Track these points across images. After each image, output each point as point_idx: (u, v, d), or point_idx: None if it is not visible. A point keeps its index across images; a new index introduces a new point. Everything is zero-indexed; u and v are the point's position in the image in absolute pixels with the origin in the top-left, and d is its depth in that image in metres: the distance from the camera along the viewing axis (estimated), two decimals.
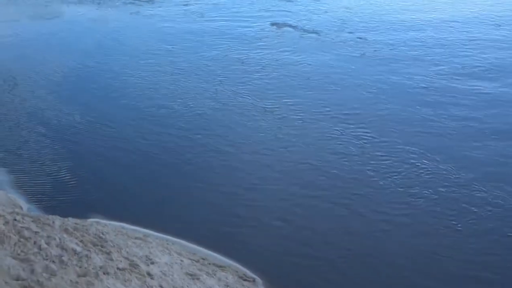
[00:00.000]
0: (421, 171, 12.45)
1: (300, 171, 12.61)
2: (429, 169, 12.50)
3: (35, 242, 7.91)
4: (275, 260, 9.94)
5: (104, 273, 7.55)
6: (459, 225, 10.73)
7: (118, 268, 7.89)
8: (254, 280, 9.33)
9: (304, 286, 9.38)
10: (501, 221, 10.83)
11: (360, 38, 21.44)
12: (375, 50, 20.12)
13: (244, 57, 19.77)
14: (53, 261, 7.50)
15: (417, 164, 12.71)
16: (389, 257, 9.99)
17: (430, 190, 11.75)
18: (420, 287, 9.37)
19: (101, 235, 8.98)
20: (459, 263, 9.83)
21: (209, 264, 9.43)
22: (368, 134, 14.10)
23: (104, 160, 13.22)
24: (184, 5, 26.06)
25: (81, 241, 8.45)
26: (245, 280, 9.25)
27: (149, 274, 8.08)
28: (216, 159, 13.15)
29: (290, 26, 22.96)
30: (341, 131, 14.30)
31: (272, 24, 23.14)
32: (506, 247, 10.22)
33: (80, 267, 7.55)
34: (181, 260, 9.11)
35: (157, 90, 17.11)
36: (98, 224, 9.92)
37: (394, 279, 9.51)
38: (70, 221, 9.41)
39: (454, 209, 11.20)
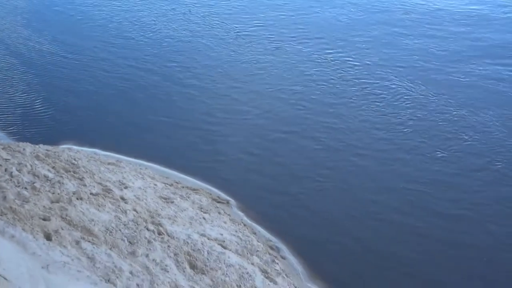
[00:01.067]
0: (401, 97, 12.37)
1: (273, 101, 12.41)
2: (410, 95, 12.39)
3: (6, 169, 7.85)
4: (248, 184, 10.04)
5: (77, 199, 7.57)
6: (441, 154, 10.52)
7: (91, 194, 7.93)
8: (228, 202, 9.48)
9: (277, 209, 9.46)
10: (484, 149, 10.63)
11: None
12: None
13: None
14: (25, 188, 7.48)
15: (398, 89, 12.62)
16: (359, 192, 9.80)
17: (410, 117, 11.62)
18: (391, 222, 9.10)
19: (73, 161, 8.95)
20: (435, 197, 9.53)
21: (183, 187, 9.52)
22: (348, 60, 13.94)
23: (75, 90, 13.03)
24: None
25: (53, 167, 8.42)
26: (219, 202, 9.40)
27: (122, 198, 8.14)
28: (188, 91, 12.93)
29: None
30: (319, 57, 14.08)
31: None
32: (489, 178, 9.94)
33: (53, 193, 7.56)
34: (155, 184, 9.17)
35: (125, 20, 16.63)
36: (70, 151, 9.89)
37: (361, 213, 9.32)
38: (42, 148, 9.34)
39: (435, 136, 11.01)
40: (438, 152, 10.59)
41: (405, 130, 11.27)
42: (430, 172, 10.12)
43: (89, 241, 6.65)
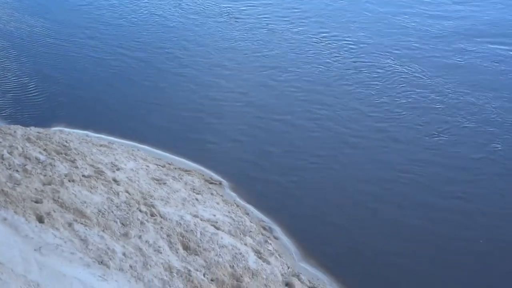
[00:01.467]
0: (396, 81, 12.23)
1: (264, 88, 12.20)
2: (405, 79, 12.24)
3: None
4: (241, 165, 10.01)
5: (69, 181, 7.57)
6: (436, 143, 10.36)
7: (83, 176, 7.91)
8: (220, 183, 9.48)
9: (270, 190, 9.42)
10: (482, 137, 10.47)
11: None
12: None
13: None
14: (17, 170, 7.47)
15: (392, 73, 12.46)
16: (350, 177, 9.63)
17: (405, 103, 11.48)
18: (382, 211, 8.95)
19: (65, 143, 8.92)
20: (429, 187, 9.35)
21: (175, 168, 9.52)
22: (342, 43, 13.77)
23: (66, 73, 12.91)
24: None
25: (44, 149, 8.39)
26: (211, 183, 9.40)
27: (115, 180, 8.14)
28: (177, 77, 12.74)
29: None
30: (312, 40, 13.87)
31: None
32: (487, 168, 9.73)
33: (44, 175, 7.54)
34: (147, 166, 9.16)
35: (115, 5, 16.40)
36: (62, 133, 9.85)
37: (351, 200, 9.17)
38: (33, 130, 9.30)
39: (430, 123, 10.86)
40: (433, 140, 10.46)
41: (399, 117, 11.15)
42: (424, 161, 9.95)
43: (81, 223, 6.65)
